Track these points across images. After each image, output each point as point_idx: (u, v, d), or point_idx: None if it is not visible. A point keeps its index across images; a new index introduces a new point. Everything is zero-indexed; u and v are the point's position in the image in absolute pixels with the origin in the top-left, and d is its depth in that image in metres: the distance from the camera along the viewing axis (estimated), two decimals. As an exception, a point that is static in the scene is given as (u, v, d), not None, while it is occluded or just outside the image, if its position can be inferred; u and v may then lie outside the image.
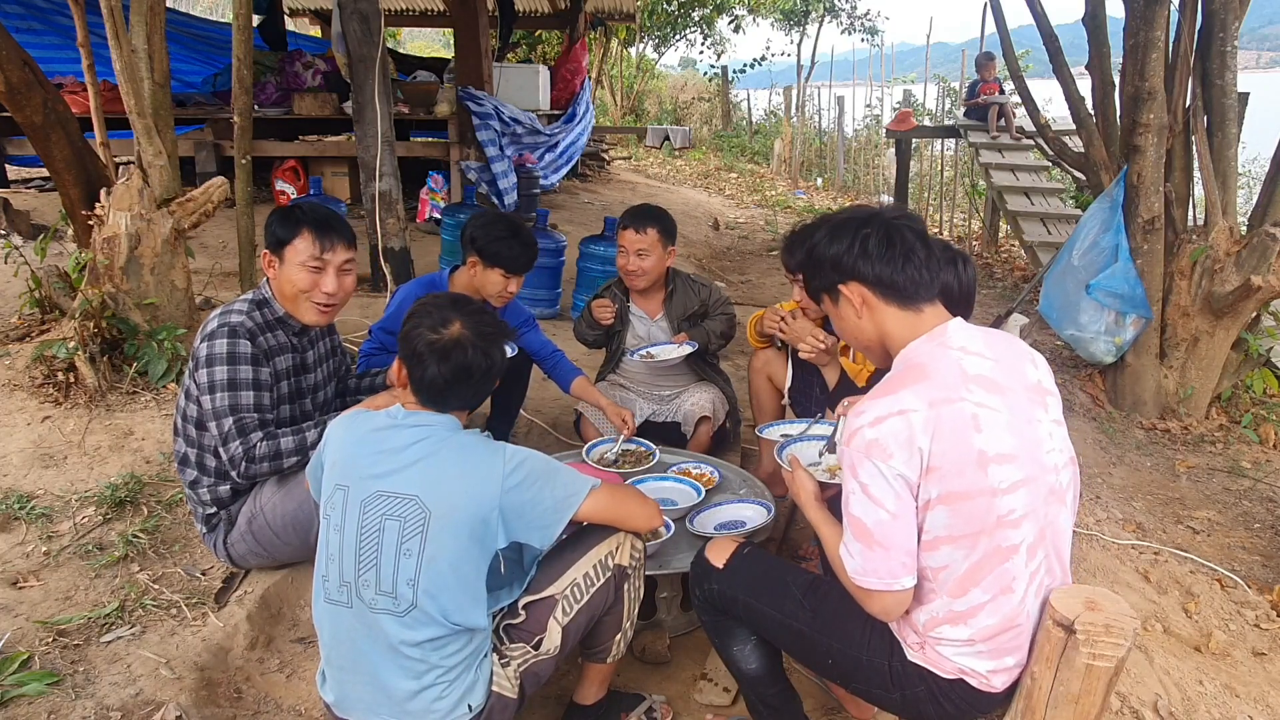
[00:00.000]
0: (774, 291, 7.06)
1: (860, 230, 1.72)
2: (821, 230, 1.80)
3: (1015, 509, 1.60)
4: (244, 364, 2.30)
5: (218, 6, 19.02)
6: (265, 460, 2.29)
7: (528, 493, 1.79)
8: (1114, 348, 4.65)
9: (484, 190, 7.19)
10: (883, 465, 1.58)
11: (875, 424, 1.59)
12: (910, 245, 1.70)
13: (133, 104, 3.53)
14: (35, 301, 3.84)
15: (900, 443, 1.57)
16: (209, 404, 2.29)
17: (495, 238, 3.01)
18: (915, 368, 1.65)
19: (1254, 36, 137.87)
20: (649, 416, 3.57)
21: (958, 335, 1.69)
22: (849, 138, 15.01)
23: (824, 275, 1.79)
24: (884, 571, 1.62)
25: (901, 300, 1.71)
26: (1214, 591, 3.15)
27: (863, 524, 1.62)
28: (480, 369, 1.84)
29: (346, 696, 1.84)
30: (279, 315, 2.43)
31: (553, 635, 1.93)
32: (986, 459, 1.58)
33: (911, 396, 1.59)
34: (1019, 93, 5.99)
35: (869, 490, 1.60)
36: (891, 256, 1.69)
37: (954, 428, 1.57)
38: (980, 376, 1.63)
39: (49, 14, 7.90)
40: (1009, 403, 1.63)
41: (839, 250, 1.74)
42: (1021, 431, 1.62)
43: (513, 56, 12.64)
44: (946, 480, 1.57)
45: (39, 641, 2.28)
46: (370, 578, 1.76)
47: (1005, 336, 1.78)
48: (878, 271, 1.70)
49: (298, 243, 2.36)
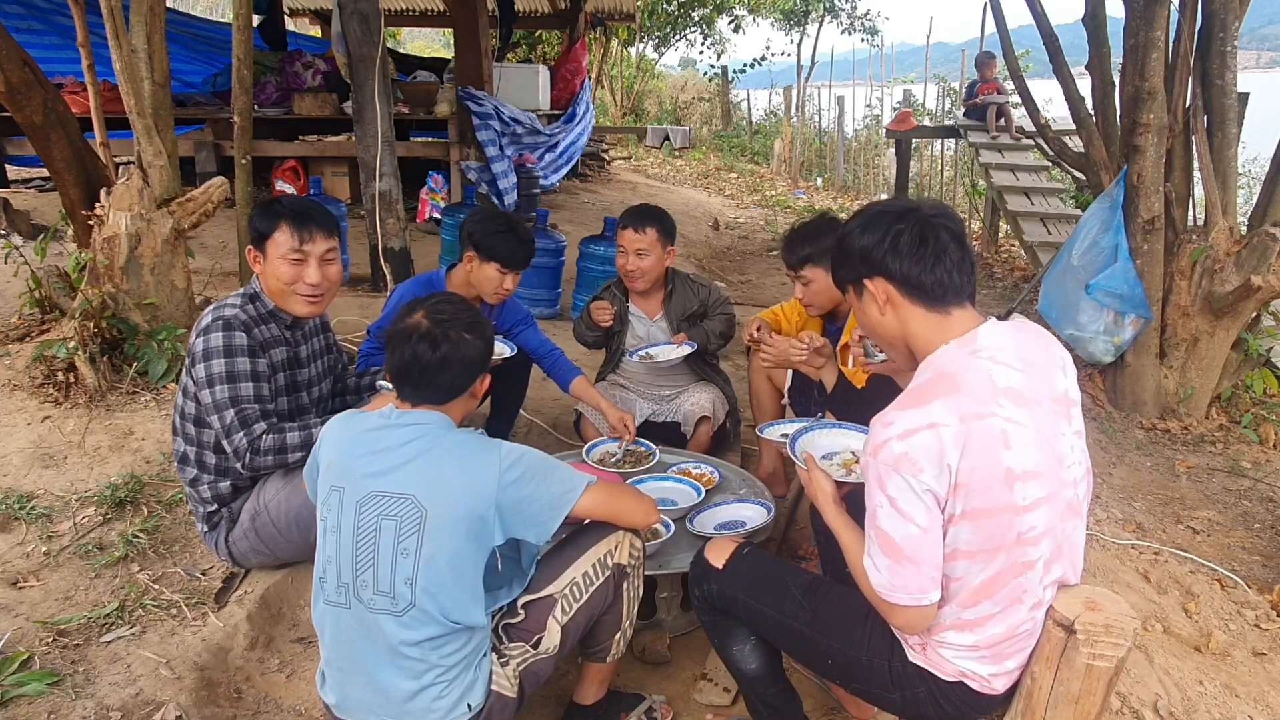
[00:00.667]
0: (774, 291, 7.06)
1: (894, 225, 1.65)
2: (856, 219, 1.73)
3: (1036, 526, 1.57)
4: (241, 355, 2.30)
5: (218, 6, 19.02)
6: (270, 453, 2.29)
7: (524, 489, 1.79)
8: (1113, 347, 4.65)
9: (484, 190, 7.19)
10: (912, 480, 1.52)
11: (905, 437, 1.53)
12: (944, 246, 1.63)
13: (133, 104, 3.53)
14: (35, 301, 3.84)
15: (931, 458, 1.51)
16: (209, 398, 2.29)
17: (492, 232, 3.03)
18: (945, 377, 1.58)
19: (1254, 36, 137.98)
20: (649, 416, 3.57)
21: (988, 342, 1.62)
22: (849, 138, 15.02)
23: (851, 266, 1.72)
24: (913, 587, 1.57)
25: (928, 302, 1.64)
26: (1214, 591, 3.15)
27: (891, 539, 1.56)
28: (427, 360, 1.82)
29: (346, 698, 1.84)
30: (270, 309, 2.44)
31: (552, 634, 1.93)
32: (1014, 476, 1.54)
33: (942, 409, 1.53)
34: (1019, 93, 5.99)
35: (898, 504, 1.54)
36: (922, 255, 1.62)
37: (984, 444, 1.52)
38: (1010, 389, 1.57)
39: (49, 14, 7.90)
40: (1035, 417, 1.58)
41: (869, 243, 1.67)
42: (1046, 447, 1.58)
43: (513, 56, 12.64)
44: (973, 497, 1.53)
45: (39, 641, 2.28)
46: (368, 578, 1.76)
47: (1040, 336, 1.71)
48: (906, 270, 1.63)
49: (277, 236, 2.37)
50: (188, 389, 2.38)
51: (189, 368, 2.35)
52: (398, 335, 1.87)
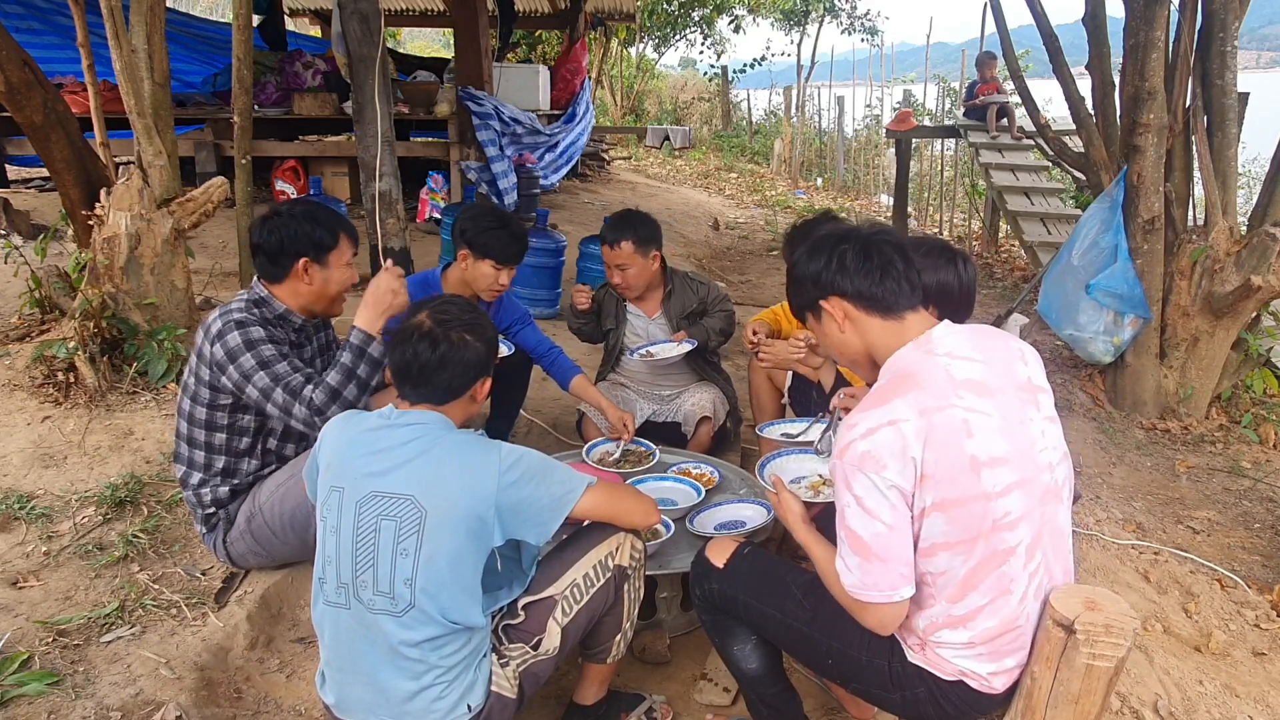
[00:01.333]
0: (774, 291, 7.06)
1: (837, 247, 1.75)
2: (800, 250, 1.84)
3: (1011, 511, 1.60)
4: (263, 344, 2.35)
5: (218, 6, 19.01)
6: (327, 405, 2.31)
7: (524, 490, 1.79)
8: (1112, 347, 4.65)
9: (484, 190, 7.19)
10: (876, 477, 1.58)
11: (867, 435, 1.59)
12: (888, 258, 1.72)
13: (133, 104, 3.53)
14: (35, 301, 3.84)
15: (893, 453, 1.57)
16: (253, 392, 2.32)
17: (485, 229, 3.03)
18: (904, 377, 1.65)
19: (1254, 36, 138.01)
20: (649, 417, 3.57)
21: (944, 341, 1.69)
22: (849, 138, 15.01)
23: (805, 293, 1.81)
24: (884, 584, 1.61)
25: (883, 311, 1.72)
26: (1214, 591, 3.15)
27: (859, 537, 1.61)
28: (426, 359, 1.84)
29: (346, 698, 1.84)
30: (279, 313, 2.45)
31: (552, 636, 1.93)
32: (979, 464, 1.58)
33: (902, 406, 1.59)
34: (1019, 93, 5.99)
35: (864, 503, 1.60)
36: (869, 269, 1.71)
37: (946, 435, 1.57)
38: (969, 380, 1.63)
39: (49, 14, 7.89)
40: (1000, 405, 1.63)
41: (818, 267, 1.77)
42: (1014, 433, 1.62)
43: (513, 56, 12.64)
44: (941, 487, 1.57)
45: (39, 641, 2.28)
46: (368, 578, 1.76)
47: (994, 333, 1.78)
48: (857, 285, 1.72)
49: (342, 245, 2.47)
50: (191, 389, 2.39)
51: (211, 374, 2.35)
52: (400, 334, 1.89)
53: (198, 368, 2.39)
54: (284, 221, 2.40)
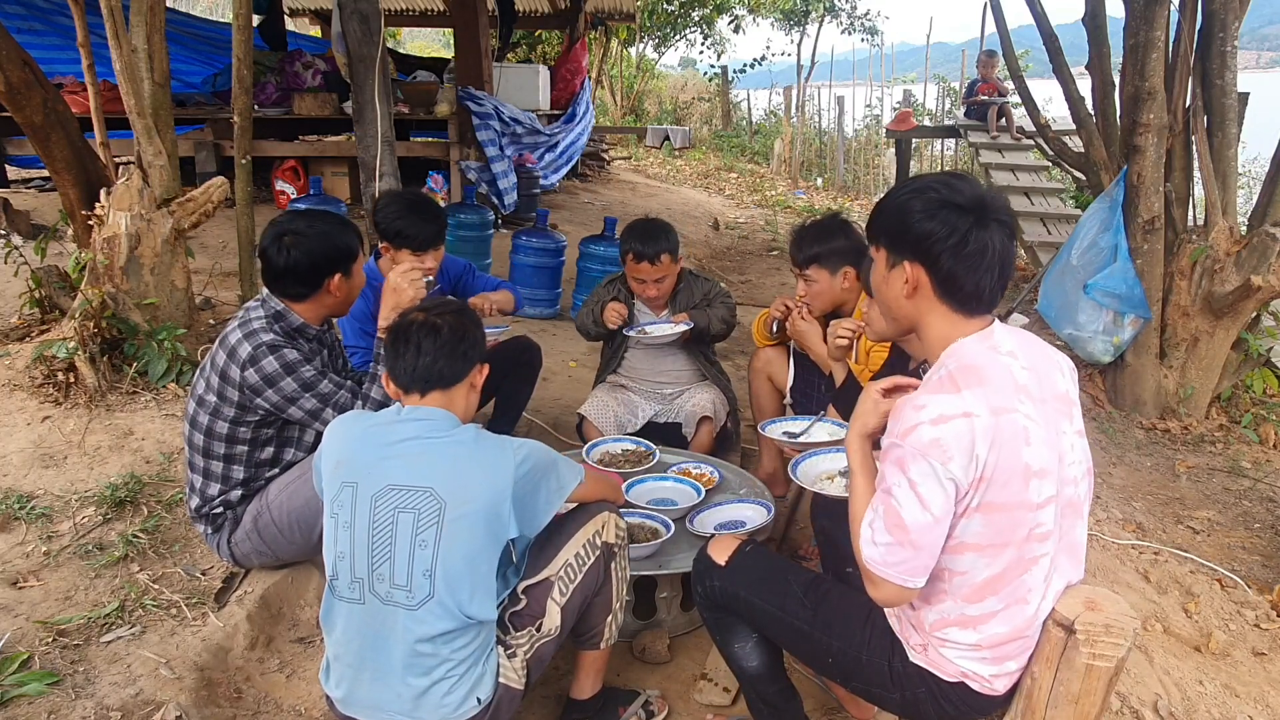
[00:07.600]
0: (774, 291, 7.06)
1: (960, 222, 1.57)
2: (924, 195, 1.61)
3: (1044, 523, 1.58)
4: (301, 365, 2.37)
5: (218, 6, 19.00)
6: None
7: (533, 482, 1.85)
8: (1111, 347, 4.65)
9: (484, 190, 7.19)
10: (940, 467, 1.51)
11: (938, 422, 1.51)
12: (992, 262, 1.59)
13: (133, 104, 3.52)
14: (35, 301, 3.84)
15: (962, 447, 1.50)
16: (297, 413, 2.38)
17: (394, 216, 2.93)
18: (970, 369, 1.57)
19: (1254, 36, 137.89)
20: (651, 418, 3.58)
21: (1005, 340, 1.63)
22: (849, 138, 15.02)
23: (899, 244, 1.64)
24: (905, 570, 1.57)
25: (956, 304, 1.62)
26: (1214, 591, 3.15)
27: (901, 520, 1.54)
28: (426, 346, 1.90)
29: (354, 693, 1.85)
30: (296, 325, 2.46)
31: (552, 615, 1.98)
32: (1031, 473, 1.55)
33: (974, 399, 1.52)
34: (1019, 93, 5.99)
35: (918, 488, 1.52)
36: (974, 265, 1.57)
37: (1009, 438, 1.52)
38: (1025, 387, 1.58)
39: (49, 14, 7.89)
40: (1044, 415, 1.59)
41: (931, 229, 1.58)
42: (1053, 445, 1.59)
43: (513, 56, 12.64)
44: (992, 490, 1.54)
45: (39, 641, 2.28)
46: (384, 571, 1.78)
47: (1036, 341, 1.73)
48: (951, 268, 1.58)
49: (360, 250, 2.50)
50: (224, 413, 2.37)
51: (240, 394, 2.34)
52: (396, 331, 1.95)
53: (221, 388, 2.35)
54: (304, 240, 2.35)
